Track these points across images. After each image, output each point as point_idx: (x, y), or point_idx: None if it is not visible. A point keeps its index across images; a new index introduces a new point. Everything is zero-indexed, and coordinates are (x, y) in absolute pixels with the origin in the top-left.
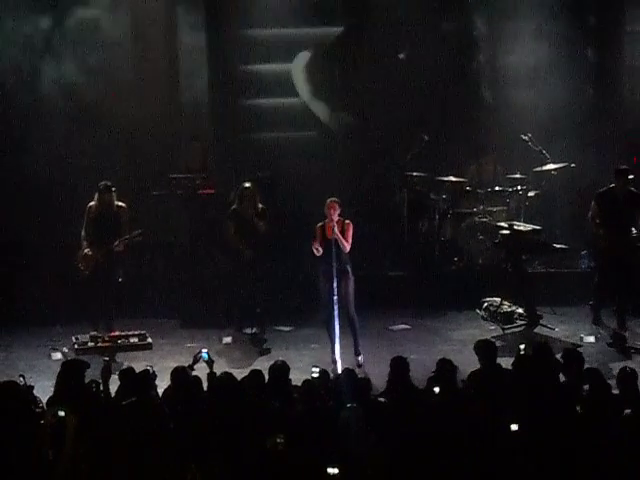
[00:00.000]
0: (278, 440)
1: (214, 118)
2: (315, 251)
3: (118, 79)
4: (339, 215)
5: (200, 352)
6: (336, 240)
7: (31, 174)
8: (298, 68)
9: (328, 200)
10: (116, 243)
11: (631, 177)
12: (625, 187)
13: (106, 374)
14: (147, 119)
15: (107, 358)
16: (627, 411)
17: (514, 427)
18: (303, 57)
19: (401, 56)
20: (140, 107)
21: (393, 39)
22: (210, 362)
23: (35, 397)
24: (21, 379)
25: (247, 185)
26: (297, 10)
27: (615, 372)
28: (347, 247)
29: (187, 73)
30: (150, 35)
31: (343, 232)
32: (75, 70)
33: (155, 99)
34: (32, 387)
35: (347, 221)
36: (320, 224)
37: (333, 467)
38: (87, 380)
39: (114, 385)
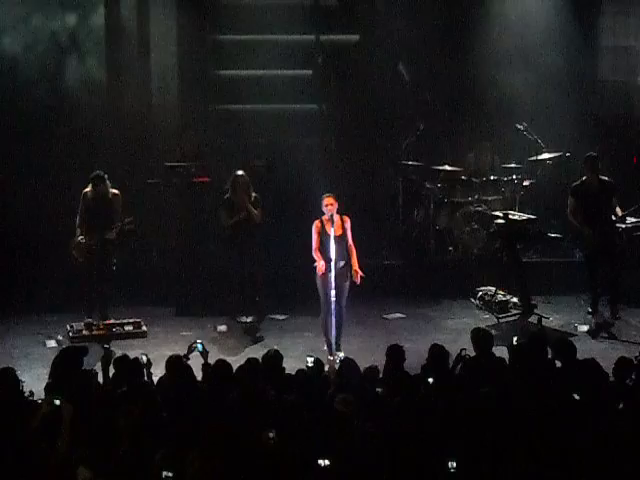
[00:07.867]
0: (271, 435)
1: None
2: (316, 258)
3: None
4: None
5: (195, 343)
6: (336, 236)
7: (35, 165)
8: None
9: (324, 195)
10: (112, 231)
11: (599, 166)
12: (596, 176)
13: (106, 362)
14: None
15: (108, 346)
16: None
17: None
18: None
19: (400, 67)
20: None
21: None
22: (205, 353)
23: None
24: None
25: (239, 173)
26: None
27: (610, 361)
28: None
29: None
30: None
31: (343, 228)
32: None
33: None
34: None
35: (345, 216)
36: (318, 220)
37: (324, 459)
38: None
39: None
